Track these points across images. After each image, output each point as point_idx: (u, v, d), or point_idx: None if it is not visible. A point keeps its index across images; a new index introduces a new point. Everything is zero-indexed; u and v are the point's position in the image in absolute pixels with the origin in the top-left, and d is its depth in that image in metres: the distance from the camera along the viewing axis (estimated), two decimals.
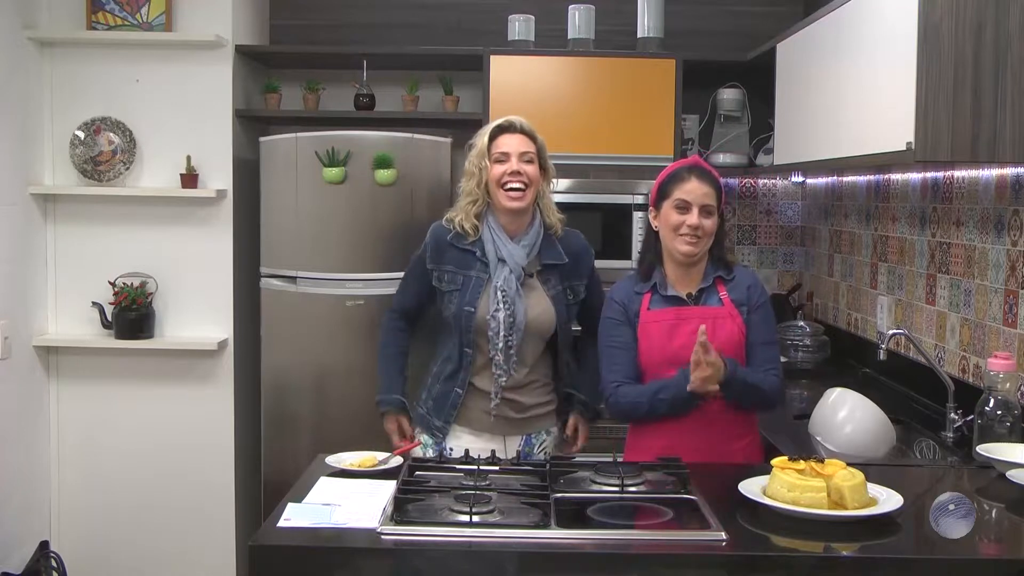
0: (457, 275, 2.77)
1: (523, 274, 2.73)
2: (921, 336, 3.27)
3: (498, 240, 2.74)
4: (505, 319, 2.68)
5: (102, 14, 3.88)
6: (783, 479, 2.04)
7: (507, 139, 2.76)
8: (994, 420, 2.51)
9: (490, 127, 2.80)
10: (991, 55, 2.44)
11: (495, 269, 2.72)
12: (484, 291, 2.73)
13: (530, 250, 2.76)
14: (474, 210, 2.76)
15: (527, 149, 2.75)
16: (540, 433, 2.84)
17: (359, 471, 2.30)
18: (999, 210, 2.82)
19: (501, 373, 2.72)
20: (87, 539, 3.99)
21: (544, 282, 2.79)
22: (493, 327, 2.69)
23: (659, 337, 2.56)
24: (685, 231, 2.54)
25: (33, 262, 3.86)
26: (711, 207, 2.54)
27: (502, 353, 2.70)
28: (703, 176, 2.57)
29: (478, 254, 2.75)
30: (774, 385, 2.57)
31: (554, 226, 2.82)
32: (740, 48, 4.02)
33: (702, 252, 2.58)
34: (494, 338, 2.69)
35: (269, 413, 3.86)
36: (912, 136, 2.47)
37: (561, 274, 2.81)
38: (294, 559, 1.91)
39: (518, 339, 2.70)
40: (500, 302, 2.68)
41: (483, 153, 2.76)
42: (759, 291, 2.64)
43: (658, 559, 1.90)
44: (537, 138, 2.80)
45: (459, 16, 4.37)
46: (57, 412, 3.99)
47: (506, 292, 2.69)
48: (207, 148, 3.92)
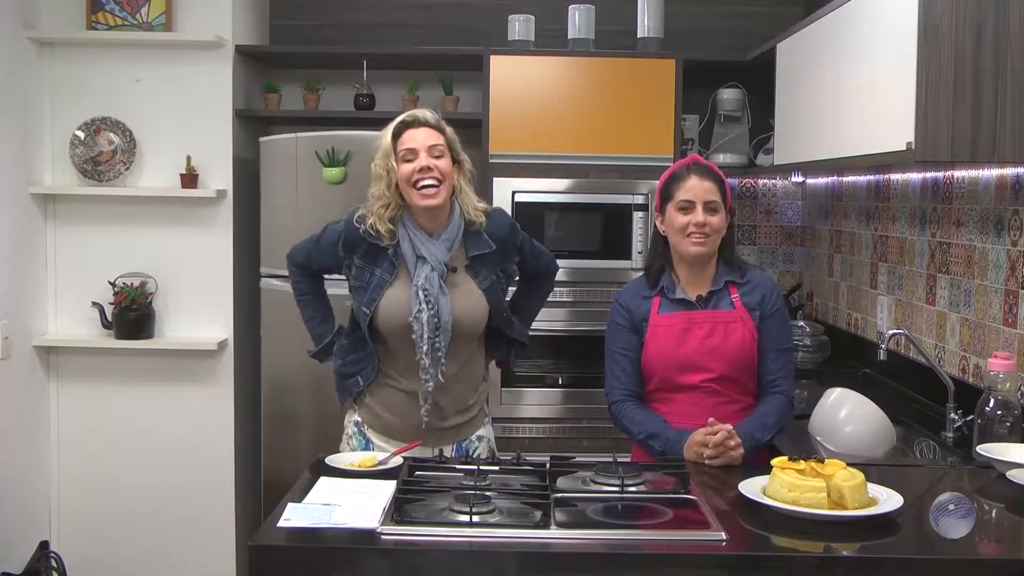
0: (364, 271, 2.60)
1: (445, 271, 2.57)
2: (921, 336, 3.27)
3: (416, 239, 2.57)
4: (429, 320, 2.51)
5: (102, 14, 3.88)
6: (783, 479, 2.04)
7: (412, 134, 2.58)
8: (994, 420, 2.51)
9: (393, 124, 2.61)
10: (991, 55, 2.44)
11: (415, 268, 2.55)
12: (385, 291, 2.57)
13: (451, 244, 2.59)
14: (387, 214, 2.58)
15: (435, 142, 2.56)
16: (472, 440, 2.71)
17: (359, 471, 2.29)
18: (999, 210, 2.82)
19: (428, 377, 2.54)
20: (87, 539, 3.99)
21: (475, 275, 2.63)
22: (416, 329, 2.52)
23: (668, 342, 2.55)
24: (692, 230, 2.51)
25: (33, 262, 3.86)
26: (715, 203, 2.52)
27: (428, 356, 2.53)
28: (703, 173, 2.55)
29: (390, 252, 2.58)
30: (784, 408, 2.56)
31: (475, 221, 2.63)
32: (740, 48, 4.02)
33: (712, 250, 2.55)
34: (419, 341, 2.52)
35: (269, 413, 3.86)
36: (912, 136, 2.47)
37: (491, 262, 2.65)
38: (294, 559, 1.91)
39: (445, 340, 2.54)
40: (423, 302, 2.51)
41: (388, 152, 2.58)
42: (775, 296, 2.60)
43: (658, 559, 1.90)
44: (446, 129, 2.62)
45: (459, 16, 4.37)
46: (57, 412, 3.99)
47: (428, 291, 2.52)
48: (207, 148, 3.92)
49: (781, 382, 2.58)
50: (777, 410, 2.55)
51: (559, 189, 3.90)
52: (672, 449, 2.46)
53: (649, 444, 2.52)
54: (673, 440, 2.47)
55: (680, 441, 2.46)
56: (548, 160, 3.87)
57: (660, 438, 2.49)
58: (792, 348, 2.68)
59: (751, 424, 2.50)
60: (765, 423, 2.51)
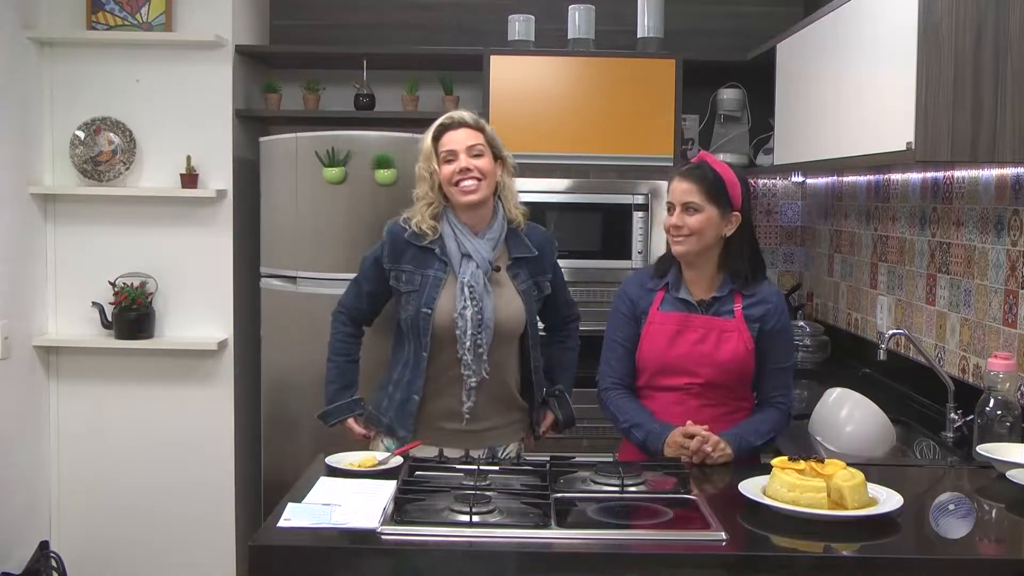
0: (415, 275, 2.64)
1: (490, 268, 2.61)
2: (921, 336, 3.27)
3: (460, 236, 2.62)
4: (473, 316, 2.56)
5: (102, 14, 3.88)
6: (783, 479, 2.04)
7: (452, 136, 2.63)
8: (994, 420, 2.51)
9: (433, 127, 2.67)
10: (991, 55, 2.44)
11: (459, 265, 2.60)
12: (442, 291, 2.61)
13: (495, 243, 2.64)
14: (430, 211, 2.64)
15: (474, 142, 2.61)
16: (506, 446, 2.75)
17: (359, 471, 2.29)
18: (999, 210, 2.82)
19: (471, 373, 2.59)
20: (87, 539, 3.99)
21: (514, 276, 2.68)
22: (460, 326, 2.56)
23: (660, 342, 2.55)
24: (671, 231, 2.53)
25: (33, 262, 3.86)
26: (694, 204, 2.48)
27: (471, 352, 2.58)
28: (687, 174, 2.52)
29: (437, 252, 2.63)
30: (779, 421, 2.57)
31: (516, 220, 2.70)
32: (740, 48, 4.02)
33: (693, 251, 2.52)
34: (462, 337, 2.57)
35: (269, 413, 3.86)
36: (912, 136, 2.47)
37: (530, 268, 2.71)
38: (294, 559, 1.90)
39: (487, 337, 2.58)
40: (467, 299, 2.56)
41: (430, 155, 2.64)
42: (779, 313, 2.56)
43: (658, 559, 1.90)
44: (485, 128, 2.66)
45: (459, 16, 4.37)
46: (57, 412, 3.99)
47: (473, 288, 2.57)
48: (207, 148, 3.92)
49: (780, 398, 2.59)
50: (771, 420, 2.55)
51: (559, 189, 3.90)
52: (652, 441, 2.47)
53: (631, 433, 2.53)
54: (655, 432, 2.48)
55: (662, 434, 2.46)
56: (548, 160, 3.87)
57: (643, 428, 2.51)
58: (793, 366, 2.66)
59: (744, 427, 2.51)
60: (759, 429, 2.52)
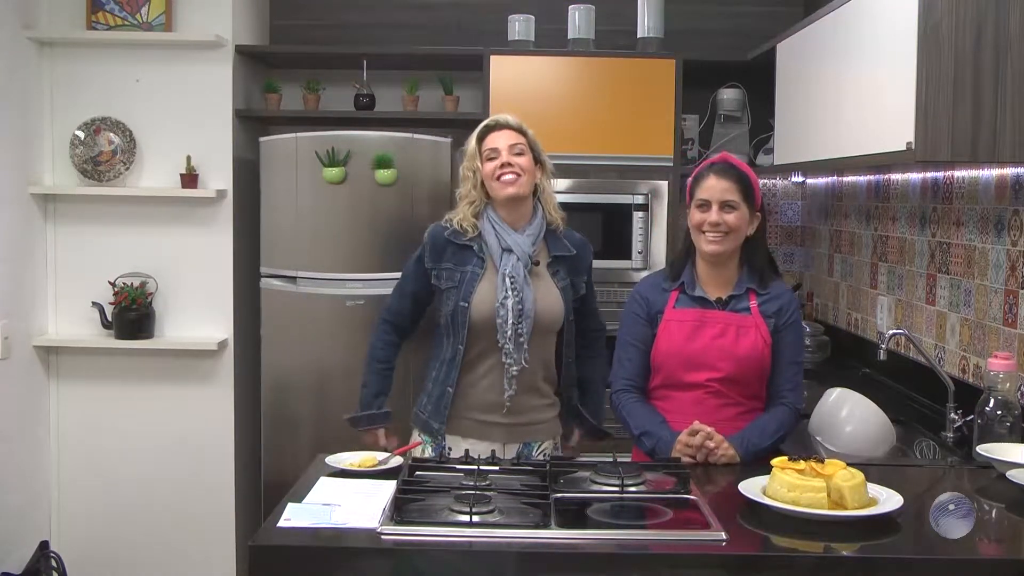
0: (455, 272, 2.74)
1: (530, 262, 2.71)
2: (921, 336, 3.27)
3: (500, 231, 2.73)
4: (514, 306, 2.65)
5: (102, 14, 3.87)
6: (783, 479, 2.04)
7: (495, 136, 2.76)
8: (994, 420, 2.51)
9: (478, 129, 2.81)
10: (991, 55, 2.44)
11: (500, 259, 2.70)
12: (478, 285, 2.70)
13: (535, 239, 2.75)
14: (472, 210, 2.76)
15: (516, 141, 2.75)
16: (540, 442, 2.81)
17: (359, 471, 2.29)
18: (999, 210, 2.82)
19: (512, 362, 2.67)
20: (87, 539, 3.99)
21: (554, 273, 2.78)
22: (502, 315, 2.65)
23: (679, 337, 2.56)
24: (707, 228, 2.54)
25: (33, 262, 3.86)
26: (733, 202, 2.52)
27: (512, 341, 2.66)
28: (722, 172, 2.56)
29: (476, 249, 2.74)
30: (787, 420, 2.58)
31: (555, 222, 2.82)
32: (740, 48, 4.02)
33: (728, 250, 2.55)
34: (503, 326, 2.65)
35: (269, 413, 3.86)
36: (912, 136, 2.47)
37: (569, 267, 2.81)
38: (294, 559, 1.90)
39: (528, 328, 2.67)
40: (508, 289, 2.66)
41: (474, 155, 2.77)
42: (792, 309, 2.61)
43: (658, 559, 1.90)
44: (527, 132, 2.80)
45: (459, 16, 4.37)
46: (57, 412, 3.99)
47: (515, 279, 2.66)
48: (207, 148, 3.92)
49: (788, 394, 2.59)
50: (778, 419, 2.56)
51: (559, 189, 3.87)
52: (662, 449, 2.48)
53: (641, 441, 2.55)
54: (665, 440, 2.49)
55: (671, 443, 2.47)
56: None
57: (652, 436, 2.52)
58: (803, 362, 2.69)
59: (749, 430, 2.52)
60: (764, 429, 2.53)
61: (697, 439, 2.42)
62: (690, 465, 2.38)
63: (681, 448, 2.45)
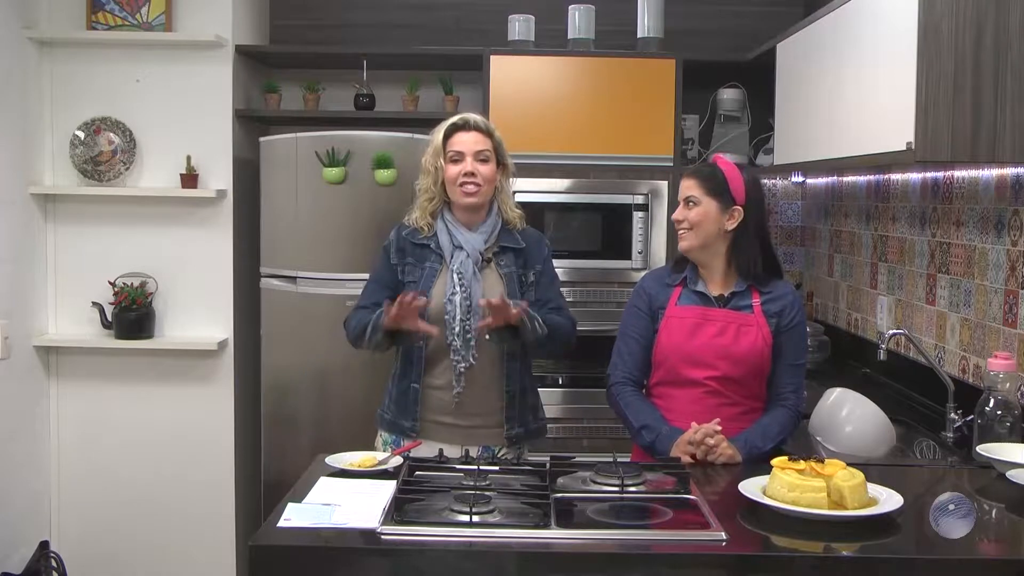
0: (416, 268, 2.75)
1: (480, 259, 2.71)
2: (921, 336, 3.27)
3: (454, 230, 2.73)
4: (462, 302, 2.66)
5: (102, 14, 3.88)
6: (783, 479, 2.04)
7: (462, 137, 2.73)
8: (994, 420, 2.51)
9: (445, 125, 2.76)
10: (991, 55, 2.44)
11: (451, 255, 2.71)
12: (435, 281, 2.71)
13: (487, 237, 2.75)
14: (430, 208, 2.76)
15: (483, 147, 2.72)
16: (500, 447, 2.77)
17: (359, 471, 2.29)
18: (999, 210, 2.82)
19: (460, 359, 2.68)
20: (87, 539, 3.99)
21: (499, 263, 2.76)
22: (449, 310, 2.66)
23: (680, 334, 2.57)
24: (676, 226, 2.61)
25: (33, 262, 3.86)
26: (692, 197, 2.57)
27: (459, 337, 2.67)
28: (690, 171, 2.65)
29: (432, 246, 2.74)
30: (788, 422, 2.59)
31: (512, 221, 2.81)
32: (740, 48, 4.02)
33: (696, 245, 2.58)
34: (451, 322, 2.66)
35: (269, 413, 3.86)
36: (912, 136, 2.47)
37: (516, 257, 2.78)
38: (294, 559, 1.90)
39: (475, 323, 2.66)
40: (456, 285, 2.67)
41: (438, 152, 2.73)
42: (795, 310, 2.61)
43: (658, 559, 1.89)
44: (494, 134, 2.77)
45: (459, 16, 4.37)
46: (57, 412, 3.99)
47: (462, 275, 2.68)
48: (207, 148, 3.92)
49: (789, 396, 2.60)
50: (779, 422, 2.56)
51: (559, 189, 3.90)
52: (662, 443, 2.49)
53: (641, 434, 2.55)
54: (664, 435, 2.50)
55: (671, 438, 2.48)
56: (548, 160, 3.87)
57: (652, 430, 2.53)
58: (806, 364, 2.68)
59: (752, 432, 2.52)
60: (767, 432, 2.53)
61: (699, 435, 2.43)
62: (690, 465, 2.39)
63: (682, 447, 2.45)
